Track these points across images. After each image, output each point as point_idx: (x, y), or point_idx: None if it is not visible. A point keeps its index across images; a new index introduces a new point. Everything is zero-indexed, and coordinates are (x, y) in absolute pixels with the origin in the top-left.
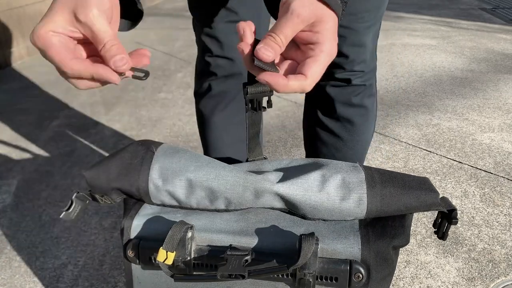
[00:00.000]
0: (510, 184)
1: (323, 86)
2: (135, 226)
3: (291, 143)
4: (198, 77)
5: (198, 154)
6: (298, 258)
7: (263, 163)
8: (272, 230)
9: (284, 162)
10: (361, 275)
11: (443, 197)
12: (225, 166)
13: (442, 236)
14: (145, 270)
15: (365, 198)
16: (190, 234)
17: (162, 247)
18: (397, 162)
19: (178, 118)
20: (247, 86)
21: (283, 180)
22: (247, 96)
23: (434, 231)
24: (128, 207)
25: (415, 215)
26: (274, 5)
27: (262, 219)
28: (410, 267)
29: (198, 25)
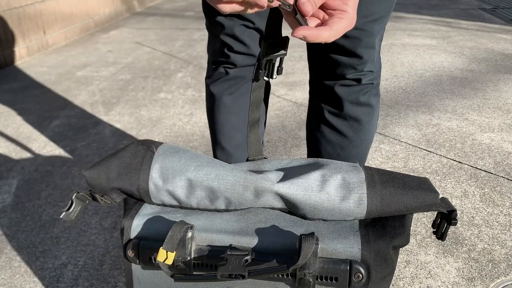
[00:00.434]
0: (510, 184)
1: (332, 86)
2: (135, 226)
3: (291, 143)
4: (214, 63)
5: (199, 154)
6: (298, 258)
7: (263, 163)
8: (272, 230)
9: (284, 162)
10: (361, 275)
11: (443, 197)
12: (225, 166)
13: (441, 236)
14: (145, 270)
15: (365, 198)
16: (190, 234)
17: (162, 247)
18: (397, 162)
19: (178, 118)
20: (266, 43)
21: (283, 179)
22: (265, 57)
23: (433, 231)
24: (128, 207)
25: (415, 215)
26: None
27: (262, 219)
28: (410, 267)
29: (216, 24)
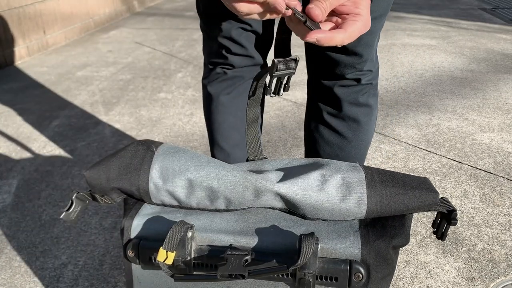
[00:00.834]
0: (510, 184)
1: (331, 86)
2: (135, 226)
3: (291, 143)
4: (211, 64)
5: (199, 154)
6: (298, 258)
7: (263, 163)
8: (272, 230)
9: (284, 162)
10: (361, 275)
11: (443, 197)
12: (225, 166)
13: (441, 236)
14: (145, 270)
15: (365, 198)
16: (190, 234)
17: (162, 247)
18: (397, 162)
19: (178, 118)
20: (277, 62)
21: (283, 179)
22: (275, 73)
23: (433, 231)
24: (128, 207)
25: (415, 215)
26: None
27: (262, 219)
28: (410, 267)
29: (213, 27)
